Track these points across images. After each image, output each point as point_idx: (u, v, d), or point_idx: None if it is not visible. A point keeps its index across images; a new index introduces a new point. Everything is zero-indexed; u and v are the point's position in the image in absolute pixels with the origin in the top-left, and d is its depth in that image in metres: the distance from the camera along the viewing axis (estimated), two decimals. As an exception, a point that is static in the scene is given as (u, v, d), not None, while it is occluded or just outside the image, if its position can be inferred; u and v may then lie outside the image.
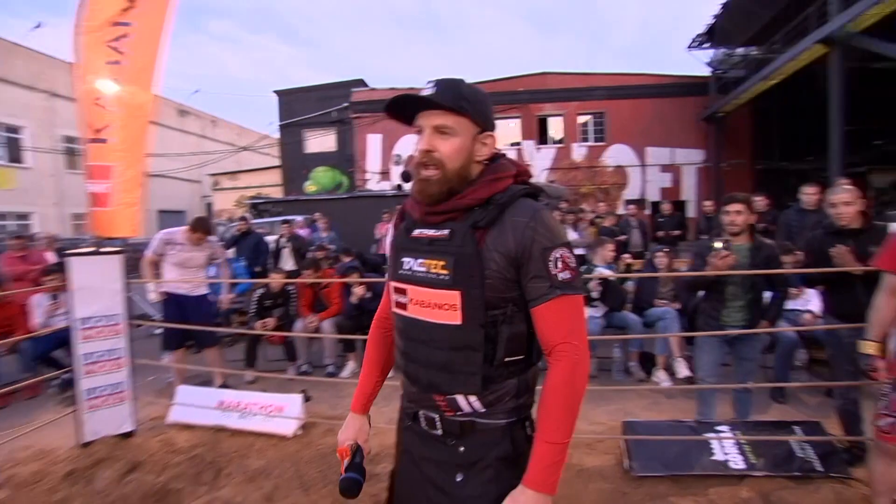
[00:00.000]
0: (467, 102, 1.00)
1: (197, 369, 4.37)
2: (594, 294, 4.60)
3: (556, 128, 17.61)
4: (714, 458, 2.66)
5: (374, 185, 17.66)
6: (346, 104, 18.24)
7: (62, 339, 4.54)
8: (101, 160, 2.93)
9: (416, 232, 1.08)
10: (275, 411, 3.30)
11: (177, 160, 22.13)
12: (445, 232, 1.03)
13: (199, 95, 67.00)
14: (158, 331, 5.85)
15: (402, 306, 1.10)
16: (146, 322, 5.26)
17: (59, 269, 5.13)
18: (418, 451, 1.12)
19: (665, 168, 16.51)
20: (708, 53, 16.09)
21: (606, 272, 4.68)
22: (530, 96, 17.04)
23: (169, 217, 22.43)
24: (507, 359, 1.01)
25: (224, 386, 4.07)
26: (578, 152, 17.04)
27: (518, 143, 17.49)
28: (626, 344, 4.60)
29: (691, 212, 15.80)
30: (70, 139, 20.43)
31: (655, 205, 15.55)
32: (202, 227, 4.08)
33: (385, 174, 17.74)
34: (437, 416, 1.07)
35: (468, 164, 1.04)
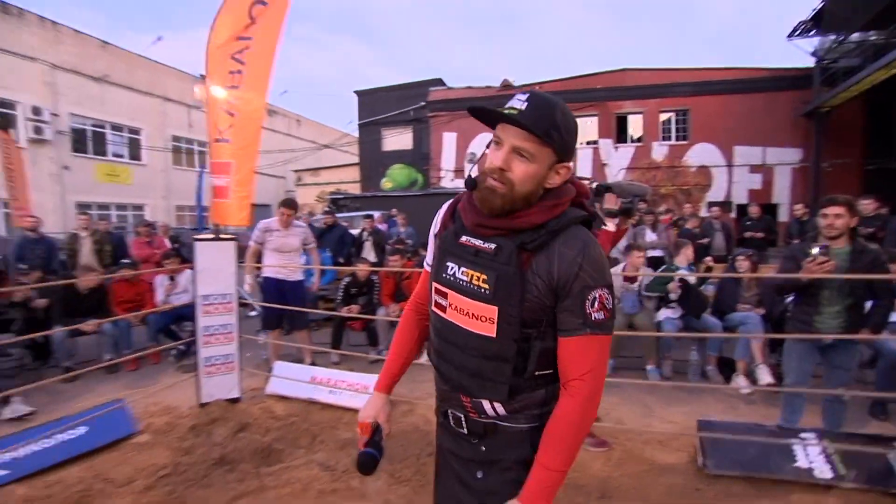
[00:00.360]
0: (556, 133, 0.97)
1: (290, 346, 4.83)
2: (672, 296, 4.52)
3: (635, 126, 17.01)
4: (797, 464, 2.60)
5: (448, 182, 18.04)
6: (423, 103, 18.74)
7: (179, 314, 5.21)
8: (222, 158, 3.37)
9: (464, 238, 1.08)
10: (361, 389, 3.61)
11: (264, 157, 23.83)
12: (492, 246, 1.03)
13: (285, 96, 71.28)
14: (252, 313, 6.50)
15: (442, 308, 1.12)
16: (253, 303, 5.82)
17: (176, 253, 5.86)
18: (448, 447, 1.18)
19: (754, 168, 15.38)
20: (813, 42, 14.61)
21: (688, 274, 4.58)
22: (608, 94, 16.57)
23: (256, 210, 24.22)
24: (536, 372, 1.04)
25: (312, 365, 4.48)
26: (659, 151, 16.34)
27: (595, 142, 17.10)
28: (703, 347, 4.48)
29: (783, 216, 14.64)
30: (177, 138, 22.72)
31: (742, 208, 14.58)
32: (289, 204, 4.51)
33: (459, 172, 18.03)
34: (462, 416, 1.12)
35: (537, 190, 1.02)
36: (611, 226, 2.95)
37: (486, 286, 1.01)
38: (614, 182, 2.96)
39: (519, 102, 0.98)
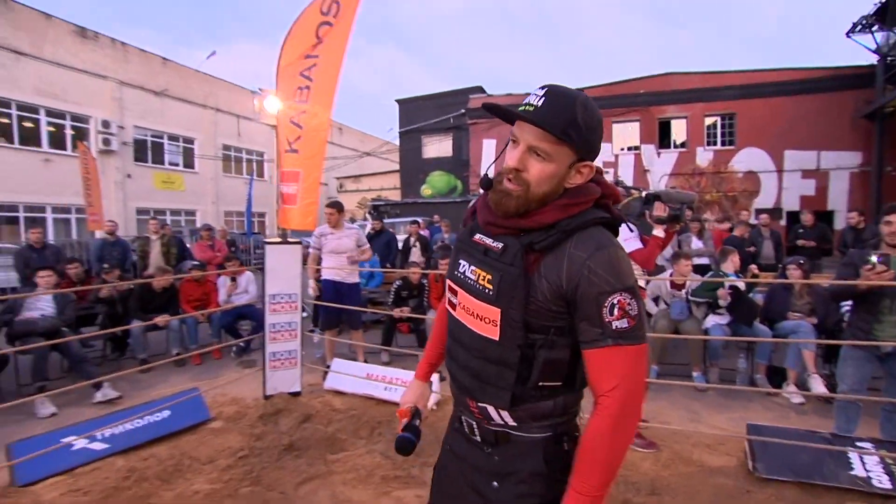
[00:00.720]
0: (575, 130, 0.90)
1: (343, 342, 5.09)
2: (722, 302, 4.51)
3: (678, 131, 16.70)
4: (854, 472, 2.60)
5: (486, 189, 18.19)
6: (462, 111, 19.01)
7: (240, 313, 5.58)
8: (292, 167, 3.66)
9: (477, 236, 1.05)
10: (413, 385, 3.80)
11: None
12: (499, 245, 0.99)
13: (326, 106, 73.39)
14: (304, 314, 6.83)
15: (453, 306, 1.09)
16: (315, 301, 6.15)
17: (236, 256, 6.26)
18: (462, 453, 1.12)
19: (807, 174, 14.80)
20: (875, 38, 13.64)
21: (738, 280, 4.56)
22: (651, 98, 16.36)
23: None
24: (541, 383, 0.96)
25: (365, 363, 4.71)
26: (703, 157, 15.98)
27: (637, 148, 16.88)
28: (752, 355, 4.44)
29: (840, 223, 14.00)
30: (227, 147, 23.86)
31: (794, 215, 14.05)
32: (334, 205, 4.75)
33: (497, 179, 18.17)
34: (475, 424, 1.07)
35: (555, 191, 0.96)
36: (660, 232, 3.04)
37: (490, 286, 0.96)
38: (662, 190, 3.05)
39: (535, 98, 0.91)
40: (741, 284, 4.58)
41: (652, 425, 3.37)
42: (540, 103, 0.90)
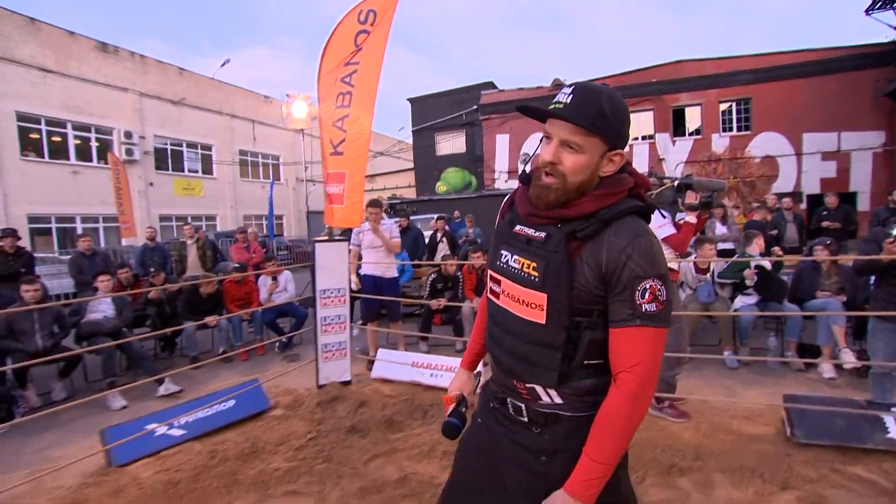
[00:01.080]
0: (603, 121, 0.98)
1: (383, 331, 5.32)
2: (748, 282, 4.65)
3: (693, 118, 16.66)
4: (890, 435, 2.75)
5: (502, 183, 18.33)
6: (475, 107, 19.15)
7: (281, 310, 5.84)
8: (337, 168, 3.88)
9: (518, 228, 1.11)
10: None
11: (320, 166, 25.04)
12: (542, 235, 1.05)
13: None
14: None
15: (496, 295, 1.16)
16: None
17: (273, 257, 6.53)
18: (504, 433, 1.16)
19: (827, 156, 14.67)
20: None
21: (764, 259, 4.69)
22: (663, 87, 16.35)
23: (316, 217, 25.44)
24: (586, 361, 1.04)
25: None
26: (719, 143, 15.94)
27: (651, 137, 16.89)
28: (782, 333, 4.58)
29: (863, 204, 13.90)
30: (243, 152, 24.28)
31: (815, 198, 13.97)
32: (374, 203, 4.97)
33: (512, 173, 18.31)
34: (523, 406, 1.12)
35: (591, 179, 1.03)
36: (692, 218, 3.21)
37: (536, 273, 1.03)
38: (694, 179, 3.21)
39: (564, 96, 1.00)
40: (767, 264, 4.72)
41: (690, 397, 3.55)
42: (569, 100, 0.99)
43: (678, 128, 16.73)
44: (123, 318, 4.88)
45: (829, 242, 4.82)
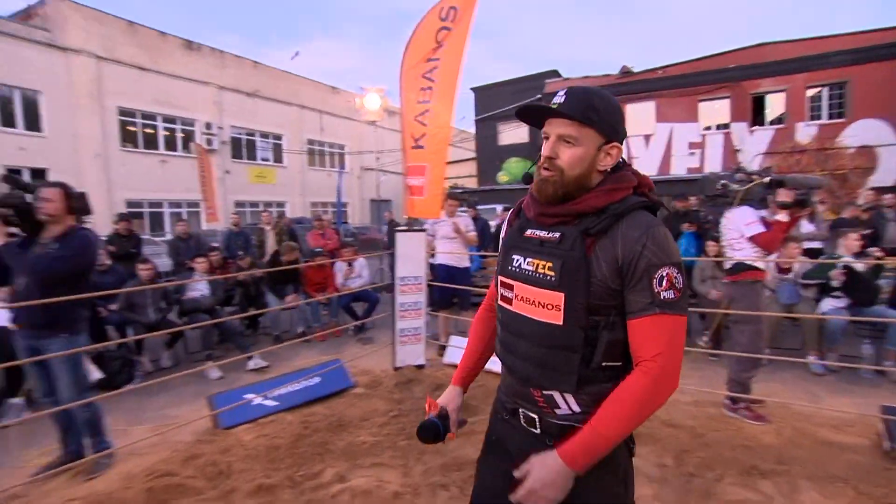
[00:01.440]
0: (595, 114, 1.03)
1: (455, 318, 5.50)
2: (835, 283, 4.39)
3: (775, 105, 15.53)
4: None
5: (564, 174, 17.98)
6: (538, 96, 18.85)
7: (355, 295, 6.15)
8: (418, 161, 4.05)
9: (529, 231, 1.12)
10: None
11: (386, 155, 25.61)
12: (556, 235, 1.06)
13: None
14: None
15: (508, 301, 1.14)
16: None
17: (348, 244, 6.86)
18: (516, 446, 1.14)
19: (935, 146, 13.21)
20: None
21: (854, 261, 4.41)
22: (743, 72, 15.30)
23: (378, 205, 26.13)
24: (604, 363, 1.02)
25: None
26: (805, 132, 14.75)
27: (726, 126, 15.94)
28: (878, 340, 4.30)
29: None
30: (311, 142, 25.31)
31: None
32: (453, 195, 5.11)
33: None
34: (536, 416, 1.10)
35: (588, 172, 1.06)
36: (784, 217, 3.09)
37: (552, 273, 1.03)
38: (789, 176, 3.09)
39: (558, 97, 1.06)
40: (859, 265, 4.43)
41: (769, 400, 3.45)
42: (561, 100, 1.05)
43: (757, 116, 15.67)
44: (217, 296, 5.35)
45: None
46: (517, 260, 1.12)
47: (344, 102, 27.06)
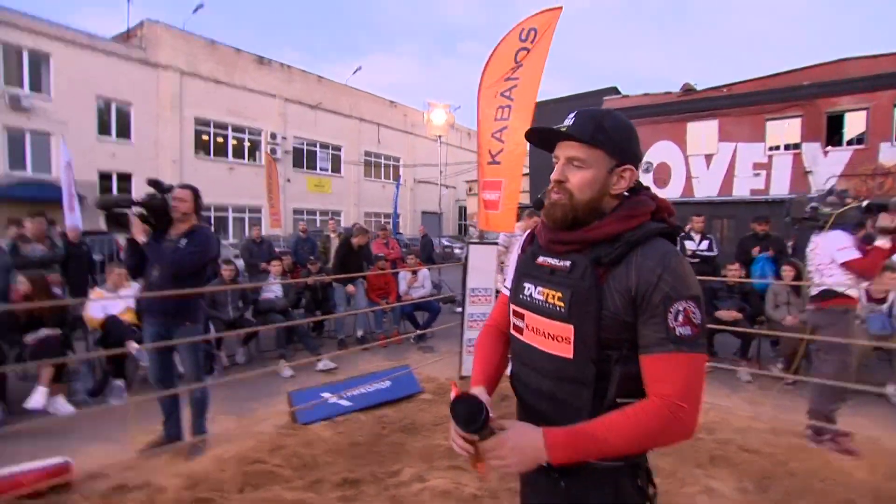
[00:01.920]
0: (603, 135, 0.99)
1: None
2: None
3: (854, 124, 14.63)
4: None
5: (620, 192, 17.64)
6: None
7: (417, 304, 6.30)
8: (494, 177, 4.16)
9: (540, 259, 1.07)
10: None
11: (435, 169, 26.05)
12: (567, 264, 1.01)
13: (458, 111, 76.07)
14: (458, 309, 7.47)
15: (520, 331, 1.10)
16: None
17: (411, 253, 7.05)
18: (529, 478, 1.11)
19: None
20: None
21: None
22: (819, 90, 14.54)
23: (428, 217, 26.55)
24: (618, 399, 0.95)
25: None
26: (890, 153, 13.80)
27: (796, 146, 15.17)
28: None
29: None
30: (368, 153, 26.13)
31: None
32: (539, 206, 5.17)
33: (632, 181, 17.53)
34: None
35: (599, 196, 1.01)
36: (886, 243, 2.96)
37: (562, 304, 0.98)
38: (891, 200, 2.97)
39: (568, 120, 1.03)
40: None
41: (859, 434, 3.28)
42: (571, 122, 1.02)
43: (833, 136, 14.82)
44: (289, 298, 5.64)
45: None
46: (528, 288, 1.07)
47: (401, 116, 27.82)
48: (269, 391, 4.31)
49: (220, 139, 19.96)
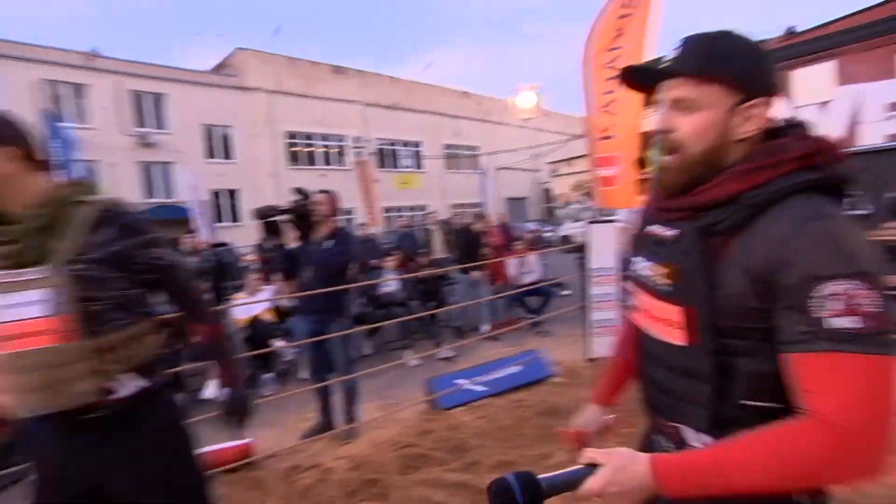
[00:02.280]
0: (720, 61, 0.76)
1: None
2: None
3: None
4: None
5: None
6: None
7: (531, 289, 6.28)
8: (607, 152, 4.02)
9: (650, 228, 0.91)
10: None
11: (517, 154, 25.66)
12: (674, 233, 0.83)
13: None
14: (564, 292, 7.34)
15: (632, 311, 0.99)
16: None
17: (520, 239, 7.05)
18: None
19: None
20: None
21: None
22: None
23: (513, 203, 26.34)
24: (748, 402, 0.76)
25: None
26: None
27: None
28: None
29: None
30: (448, 146, 26.42)
31: None
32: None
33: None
34: (673, 448, 0.89)
35: (720, 145, 0.79)
36: None
37: (668, 281, 0.82)
38: None
39: (672, 52, 0.81)
40: None
41: None
42: (676, 54, 0.80)
43: None
44: (406, 291, 5.88)
45: None
46: (638, 263, 0.92)
47: (475, 105, 27.79)
48: (399, 379, 4.55)
49: (309, 149, 21.25)
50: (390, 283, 5.84)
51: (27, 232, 1.11)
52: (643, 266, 0.90)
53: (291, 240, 3.19)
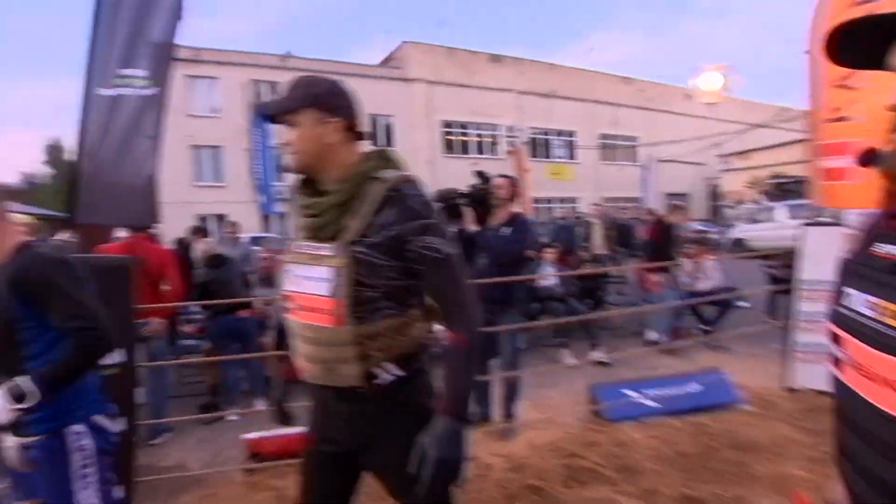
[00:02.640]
0: None
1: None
2: None
3: None
4: None
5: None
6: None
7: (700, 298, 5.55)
8: (840, 137, 3.25)
9: (882, 249, 0.65)
10: None
11: (681, 145, 23.08)
12: None
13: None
14: (745, 304, 6.31)
15: (839, 365, 0.70)
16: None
17: (703, 241, 6.30)
18: None
19: None
20: None
21: None
22: None
23: (674, 200, 23.87)
24: None
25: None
26: None
27: None
28: None
29: None
30: (604, 136, 24.97)
31: None
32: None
33: None
34: None
35: None
36: None
37: None
38: None
39: None
40: None
41: None
42: None
43: None
44: (566, 287, 5.62)
45: None
46: (852, 296, 0.68)
47: (636, 92, 25.74)
48: (553, 378, 4.34)
49: (463, 138, 21.81)
50: (550, 278, 5.63)
51: (331, 206, 1.14)
52: (860, 301, 0.66)
53: (470, 224, 3.18)
